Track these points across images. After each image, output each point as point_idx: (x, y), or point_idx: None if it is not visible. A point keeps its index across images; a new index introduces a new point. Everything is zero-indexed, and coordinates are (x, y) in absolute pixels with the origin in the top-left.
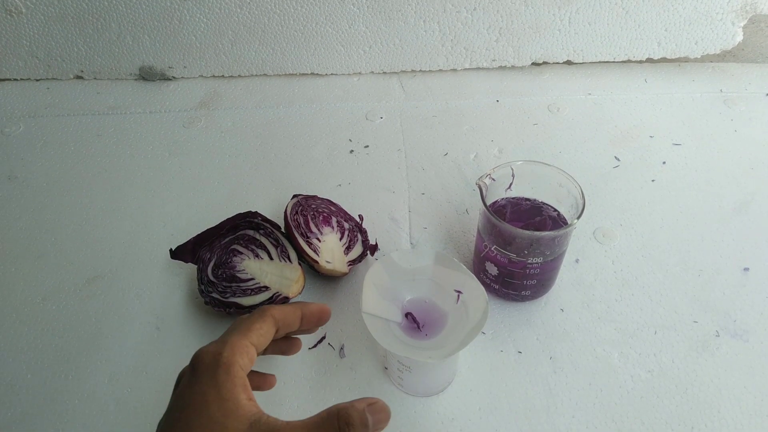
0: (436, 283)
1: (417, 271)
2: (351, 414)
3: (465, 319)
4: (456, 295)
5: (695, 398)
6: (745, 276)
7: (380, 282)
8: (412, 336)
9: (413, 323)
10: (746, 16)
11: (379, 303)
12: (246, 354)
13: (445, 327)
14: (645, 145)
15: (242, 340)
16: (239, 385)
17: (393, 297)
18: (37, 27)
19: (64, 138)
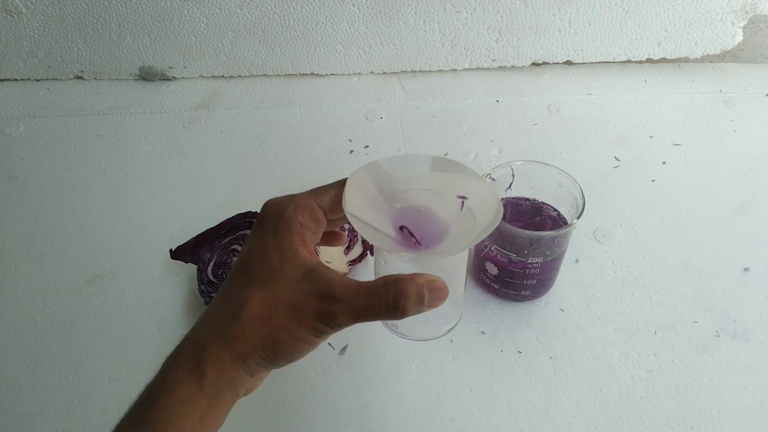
0: (434, 192)
1: (410, 180)
2: (408, 287)
3: (472, 227)
4: (460, 202)
5: (695, 398)
6: (745, 276)
7: (367, 190)
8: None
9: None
10: (746, 16)
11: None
12: (309, 213)
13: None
14: (645, 146)
15: (309, 200)
16: (297, 239)
17: (381, 209)
18: (37, 27)
19: (64, 138)
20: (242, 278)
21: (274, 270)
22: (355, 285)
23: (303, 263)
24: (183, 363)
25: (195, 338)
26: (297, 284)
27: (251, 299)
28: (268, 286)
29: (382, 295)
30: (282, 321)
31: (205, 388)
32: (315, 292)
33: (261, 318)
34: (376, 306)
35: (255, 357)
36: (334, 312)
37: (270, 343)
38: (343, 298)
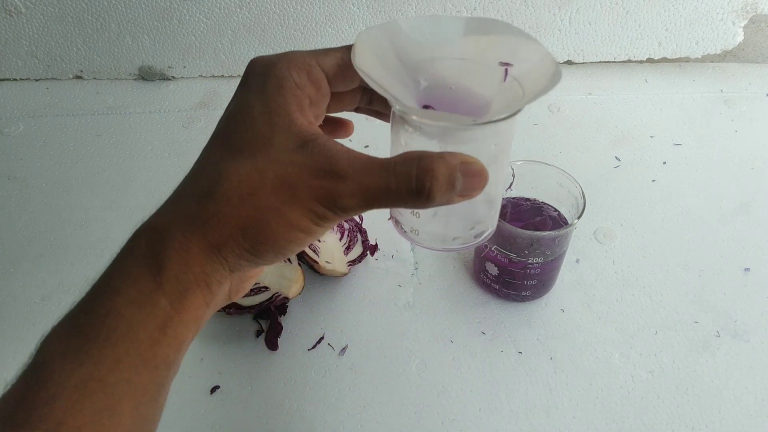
0: (469, 61)
1: (438, 47)
2: (436, 165)
3: (520, 95)
4: (502, 71)
5: (696, 398)
6: (746, 276)
7: (382, 54)
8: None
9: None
10: (747, 16)
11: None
12: (306, 72)
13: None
14: (645, 145)
15: (307, 57)
16: (292, 102)
17: (402, 78)
18: (36, 27)
19: (64, 138)
20: (219, 150)
21: (261, 138)
22: (366, 159)
23: (299, 131)
24: (137, 254)
25: (153, 223)
26: (290, 156)
27: (229, 172)
28: (252, 158)
29: (402, 172)
30: (269, 200)
31: (166, 286)
32: (314, 166)
33: (241, 196)
34: (393, 186)
35: (233, 246)
36: (339, 192)
37: (253, 227)
38: (350, 175)
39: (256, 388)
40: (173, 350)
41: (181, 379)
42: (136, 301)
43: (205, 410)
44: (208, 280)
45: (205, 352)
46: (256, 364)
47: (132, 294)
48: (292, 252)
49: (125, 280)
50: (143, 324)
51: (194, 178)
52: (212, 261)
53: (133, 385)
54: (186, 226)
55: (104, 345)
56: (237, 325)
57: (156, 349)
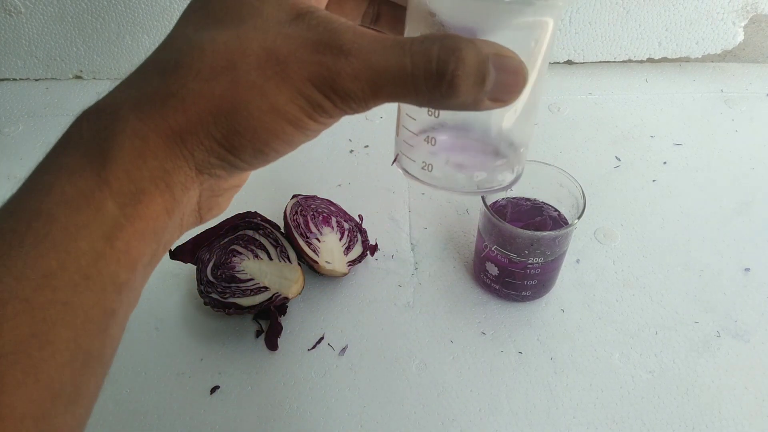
0: None
1: None
2: (464, 47)
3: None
4: None
5: (696, 399)
6: (746, 276)
7: None
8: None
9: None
10: (747, 15)
11: None
12: None
13: None
14: (646, 145)
15: None
16: None
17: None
18: (36, 27)
19: None
20: (194, 19)
21: (248, 6)
22: (375, 36)
23: (293, 2)
24: (75, 141)
25: (101, 104)
26: (282, 27)
27: (203, 42)
28: (234, 27)
29: (421, 51)
30: (251, 75)
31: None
32: (310, 38)
33: (215, 68)
34: (408, 67)
35: (201, 135)
36: (339, 70)
37: (227, 111)
38: (355, 50)
39: (256, 388)
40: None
41: (181, 379)
42: (74, 202)
43: (205, 410)
44: (168, 180)
45: (205, 352)
46: (256, 364)
47: (68, 192)
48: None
49: (60, 176)
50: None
51: (160, 51)
52: (174, 154)
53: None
54: (141, 106)
55: (30, 254)
56: (237, 325)
57: (101, 264)
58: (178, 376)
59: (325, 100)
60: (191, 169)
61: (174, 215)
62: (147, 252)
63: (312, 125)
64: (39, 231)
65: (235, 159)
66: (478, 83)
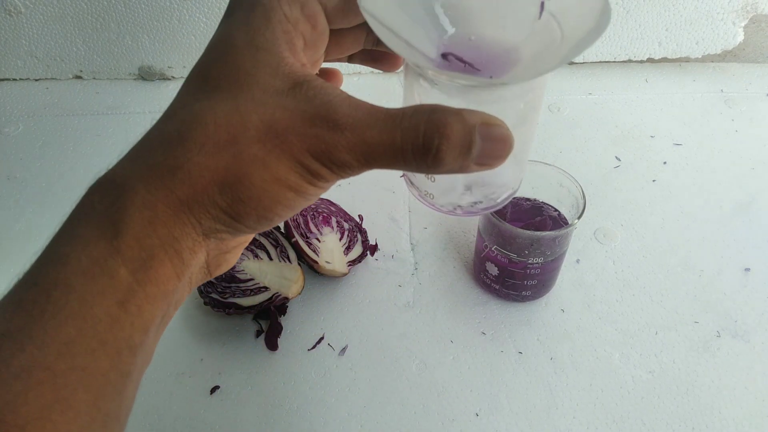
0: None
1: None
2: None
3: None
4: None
5: (696, 399)
6: (746, 276)
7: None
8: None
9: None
10: (747, 15)
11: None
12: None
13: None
14: (646, 145)
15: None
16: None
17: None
18: (36, 27)
19: (64, 138)
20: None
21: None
22: (369, 109)
23: (289, 71)
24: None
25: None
26: (279, 99)
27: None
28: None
29: (410, 126)
30: (252, 149)
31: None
32: (308, 111)
33: (218, 143)
34: (398, 142)
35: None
36: (336, 144)
37: (231, 182)
38: (350, 125)
39: (256, 388)
40: (138, 331)
41: (181, 379)
42: (89, 271)
43: (205, 410)
44: (177, 246)
45: (205, 352)
46: (256, 364)
47: (84, 262)
48: (279, 217)
49: (75, 246)
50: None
51: (164, 121)
52: (182, 222)
53: (89, 374)
54: (150, 178)
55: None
56: (237, 325)
57: (116, 329)
58: (178, 376)
59: (323, 168)
60: (198, 234)
61: (183, 277)
62: (158, 314)
63: (312, 190)
64: (58, 301)
65: (239, 225)
66: (464, 153)
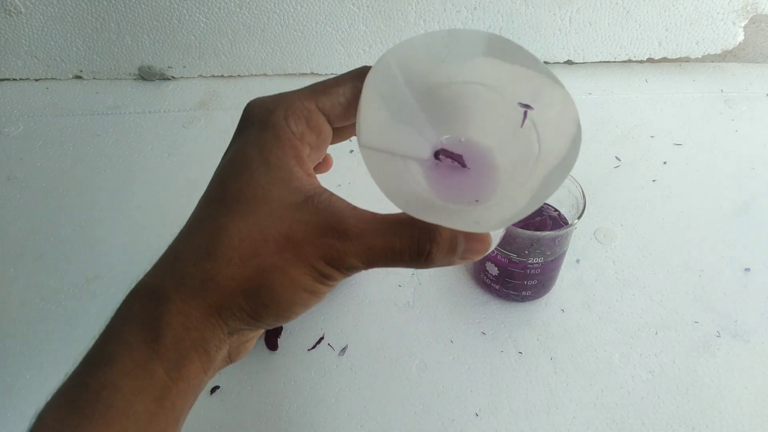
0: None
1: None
2: (439, 229)
3: (535, 156)
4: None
5: (696, 399)
6: (747, 276)
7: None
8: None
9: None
10: (747, 15)
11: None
12: (305, 120)
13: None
14: (646, 145)
15: (306, 102)
16: (290, 153)
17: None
18: (36, 27)
19: (63, 138)
20: (217, 203)
21: (261, 191)
22: (370, 218)
23: (300, 185)
24: (132, 319)
25: (150, 284)
26: (293, 212)
27: (228, 229)
28: (252, 213)
29: (406, 235)
30: (273, 259)
31: (163, 354)
32: (318, 223)
33: (243, 256)
34: (397, 247)
35: (234, 309)
36: (344, 251)
37: (255, 289)
38: (356, 234)
39: (256, 388)
40: (171, 423)
41: None
42: (132, 373)
43: (205, 410)
44: (206, 346)
45: None
46: (256, 364)
47: (127, 364)
48: (295, 314)
49: (120, 349)
50: (140, 397)
51: (191, 234)
52: (211, 325)
53: None
54: (184, 289)
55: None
56: None
57: (154, 423)
58: None
59: (334, 271)
60: (224, 333)
61: (209, 371)
62: (188, 406)
63: (324, 290)
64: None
65: (260, 323)
66: (450, 253)
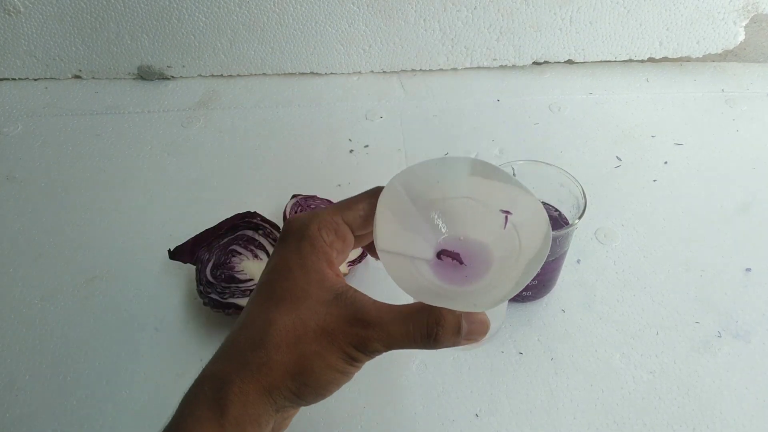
0: (475, 202)
1: (448, 188)
2: (445, 315)
3: (517, 250)
4: (503, 218)
5: (697, 399)
6: (747, 276)
7: (399, 206)
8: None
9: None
10: (748, 15)
11: (399, 236)
12: (334, 231)
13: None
14: (646, 145)
15: (334, 216)
16: (323, 259)
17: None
18: (35, 26)
19: (63, 138)
20: (265, 300)
21: (301, 291)
22: (388, 309)
23: (331, 285)
24: (202, 399)
25: (215, 370)
26: (327, 307)
27: (277, 323)
28: (295, 308)
29: (418, 321)
30: (312, 347)
31: (227, 426)
32: (347, 315)
33: (289, 344)
34: (411, 333)
35: (283, 389)
36: (369, 337)
37: (299, 372)
38: (377, 323)
39: None
40: None
41: (181, 380)
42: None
43: None
44: (259, 420)
45: (204, 353)
46: None
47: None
48: (330, 392)
49: (195, 425)
50: None
51: (246, 327)
52: (264, 402)
53: None
54: (243, 373)
55: None
56: None
57: None
58: (177, 376)
59: (361, 355)
60: (273, 410)
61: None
62: None
63: (353, 370)
64: None
65: (301, 401)
66: (455, 334)
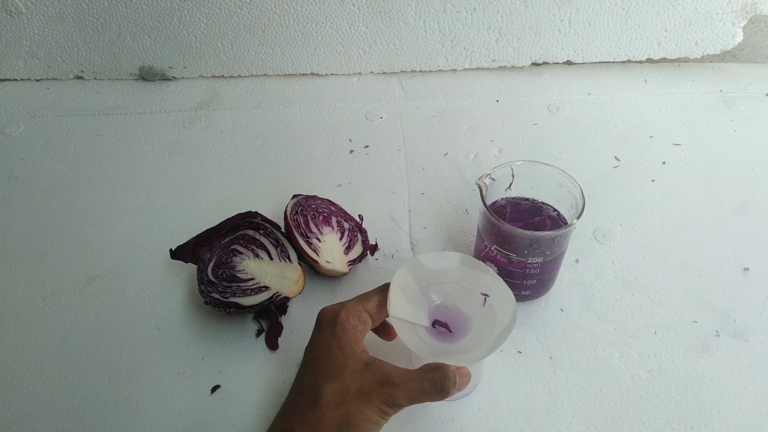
0: (462, 286)
1: (443, 274)
2: (448, 373)
3: (492, 323)
4: (483, 299)
5: (695, 398)
6: (745, 276)
7: (406, 285)
8: (439, 339)
9: (444, 329)
10: (746, 16)
11: (406, 307)
12: (359, 317)
13: (471, 331)
14: (645, 145)
15: (357, 306)
16: (353, 339)
17: (419, 301)
18: (37, 27)
19: (64, 138)
20: (313, 372)
21: (340, 364)
22: (407, 372)
23: (361, 357)
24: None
25: (282, 426)
26: (361, 374)
27: (325, 388)
28: (337, 377)
29: (431, 379)
30: (354, 404)
31: None
32: (377, 379)
33: (336, 403)
34: (427, 388)
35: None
36: (396, 395)
37: (345, 424)
38: (401, 383)
39: (256, 387)
40: None
41: (181, 379)
42: None
43: (205, 410)
44: None
45: (206, 352)
46: (256, 363)
47: None
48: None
49: None
50: None
51: (301, 392)
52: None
53: None
54: (305, 427)
55: None
56: (237, 325)
57: None
58: (178, 375)
59: (390, 408)
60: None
61: None
62: None
63: (383, 422)
64: None
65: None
66: (454, 387)
